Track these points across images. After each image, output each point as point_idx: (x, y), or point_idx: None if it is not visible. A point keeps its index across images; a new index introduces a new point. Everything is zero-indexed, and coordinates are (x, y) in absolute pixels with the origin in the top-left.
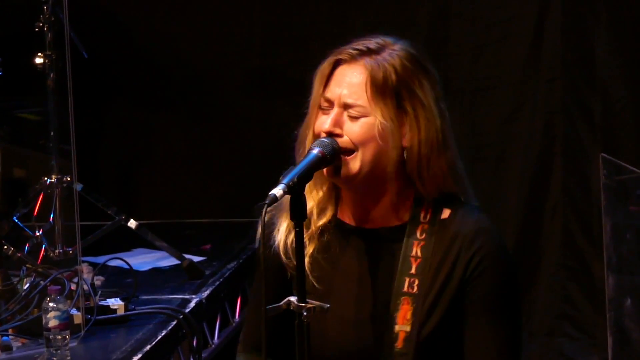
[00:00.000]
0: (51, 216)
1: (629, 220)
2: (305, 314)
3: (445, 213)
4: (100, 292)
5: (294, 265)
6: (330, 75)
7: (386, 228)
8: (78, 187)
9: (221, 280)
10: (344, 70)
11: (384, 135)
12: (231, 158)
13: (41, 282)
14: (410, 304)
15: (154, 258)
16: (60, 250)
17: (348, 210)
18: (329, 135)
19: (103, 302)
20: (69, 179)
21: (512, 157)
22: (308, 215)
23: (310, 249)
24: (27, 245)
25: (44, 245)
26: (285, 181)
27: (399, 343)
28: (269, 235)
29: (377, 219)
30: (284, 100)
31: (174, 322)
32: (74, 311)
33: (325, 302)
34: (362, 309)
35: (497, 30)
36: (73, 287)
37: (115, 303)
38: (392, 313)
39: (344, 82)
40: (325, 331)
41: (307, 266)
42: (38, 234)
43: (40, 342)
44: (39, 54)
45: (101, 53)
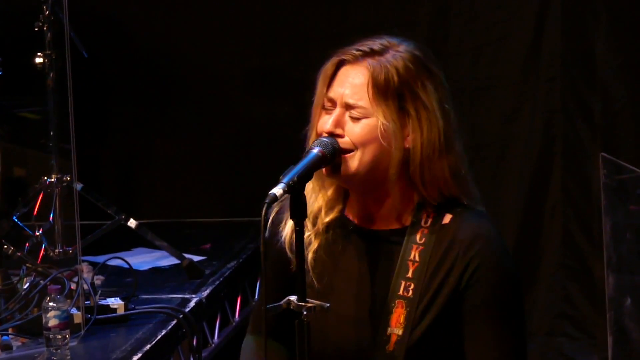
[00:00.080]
0: (51, 215)
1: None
2: (305, 313)
3: (447, 218)
4: (100, 291)
5: (304, 255)
6: (333, 76)
7: (387, 230)
8: (78, 187)
9: (221, 279)
10: (347, 70)
11: (385, 137)
12: (231, 158)
13: (41, 281)
14: (404, 307)
15: (153, 257)
16: (60, 250)
17: (354, 208)
18: (330, 136)
19: (103, 302)
20: (69, 178)
21: (512, 157)
22: (316, 213)
23: (315, 245)
24: (27, 244)
25: (43, 245)
26: (286, 180)
27: (391, 345)
28: (275, 229)
29: (379, 220)
30: (284, 100)
31: (173, 322)
32: (74, 310)
33: (325, 299)
34: (360, 309)
35: (497, 30)
36: (73, 286)
37: (115, 302)
38: (386, 315)
39: (347, 82)
40: (324, 329)
41: (309, 262)
42: (38, 233)
43: (40, 341)
44: (39, 54)
45: (101, 53)
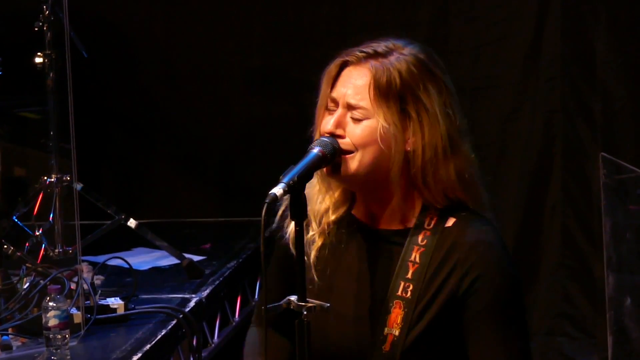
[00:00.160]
0: (51, 215)
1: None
2: (305, 313)
3: (450, 221)
4: (100, 291)
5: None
6: (337, 76)
7: (391, 230)
8: (78, 187)
9: (221, 279)
10: (350, 71)
11: (386, 139)
12: (231, 158)
13: (41, 281)
14: (402, 308)
15: (153, 257)
16: (60, 250)
17: (360, 208)
18: (331, 136)
19: (103, 302)
20: (69, 178)
21: (512, 157)
22: (322, 213)
23: (319, 243)
24: (27, 244)
25: (43, 245)
26: (286, 180)
27: (387, 346)
28: (283, 223)
29: (383, 221)
30: (284, 100)
31: (173, 322)
32: (73, 310)
33: (325, 297)
34: (359, 308)
35: (497, 30)
36: (73, 286)
37: (115, 302)
38: (384, 315)
39: (349, 83)
40: (324, 327)
41: (312, 260)
42: (38, 233)
43: (40, 341)
44: (39, 54)
45: (101, 52)
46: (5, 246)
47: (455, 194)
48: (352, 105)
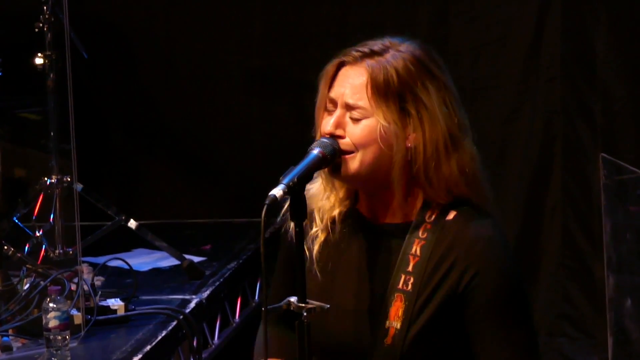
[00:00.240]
0: (51, 216)
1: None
2: (305, 314)
3: (451, 215)
4: (100, 292)
5: (306, 253)
6: (334, 77)
7: (393, 224)
8: (78, 188)
9: (221, 280)
10: (347, 71)
11: (386, 138)
12: (231, 158)
13: (41, 282)
14: (403, 301)
15: (154, 258)
16: (60, 251)
17: (363, 204)
18: (331, 137)
19: (103, 303)
20: (69, 179)
21: (512, 157)
22: (325, 210)
23: (322, 238)
24: (27, 245)
25: (44, 246)
26: (285, 181)
27: (389, 339)
28: (285, 221)
29: (385, 216)
30: (284, 100)
31: (174, 323)
32: (74, 311)
33: (327, 291)
34: (361, 301)
35: (497, 30)
36: (73, 287)
37: (115, 303)
38: (385, 308)
39: (347, 82)
40: (325, 322)
41: (315, 255)
42: (38, 234)
43: (40, 342)
44: (39, 54)
45: (101, 53)
46: (5, 247)
47: (458, 189)
48: (351, 105)
